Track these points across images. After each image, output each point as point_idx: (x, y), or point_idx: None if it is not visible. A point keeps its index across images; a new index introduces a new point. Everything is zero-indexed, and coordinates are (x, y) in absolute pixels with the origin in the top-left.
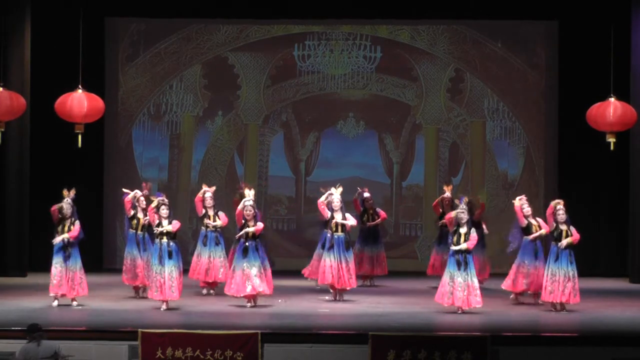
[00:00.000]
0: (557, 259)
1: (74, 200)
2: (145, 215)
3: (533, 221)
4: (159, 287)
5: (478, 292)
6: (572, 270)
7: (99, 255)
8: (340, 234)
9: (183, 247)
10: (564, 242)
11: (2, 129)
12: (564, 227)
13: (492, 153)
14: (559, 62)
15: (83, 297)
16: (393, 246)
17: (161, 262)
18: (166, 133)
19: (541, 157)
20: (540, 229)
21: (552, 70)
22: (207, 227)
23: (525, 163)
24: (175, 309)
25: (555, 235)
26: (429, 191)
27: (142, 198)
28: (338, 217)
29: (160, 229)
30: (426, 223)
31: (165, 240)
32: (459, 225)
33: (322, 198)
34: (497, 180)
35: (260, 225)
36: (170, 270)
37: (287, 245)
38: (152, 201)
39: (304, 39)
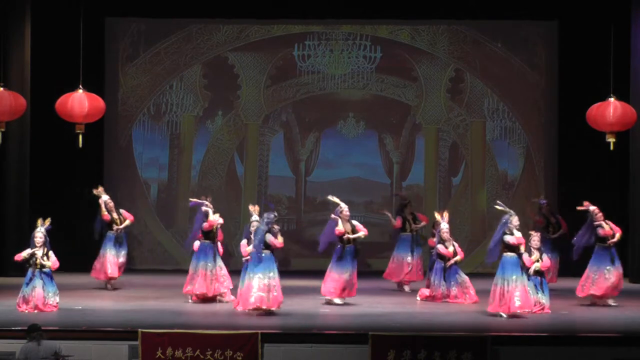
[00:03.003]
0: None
1: (48, 230)
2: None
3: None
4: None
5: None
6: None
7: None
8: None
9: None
10: (532, 268)
11: (2, 129)
12: (536, 254)
13: (492, 153)
14: (558, 62)
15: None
16: (393, 246)
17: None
18: (166, 133)
19: (541, 157)
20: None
21: (552, 70)
22: None
23: (525, 163)
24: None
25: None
26: (429, 191)
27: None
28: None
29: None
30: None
31: None
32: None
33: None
34: (497, 180)
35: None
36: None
37: (287, 245)
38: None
39: (304, 39)
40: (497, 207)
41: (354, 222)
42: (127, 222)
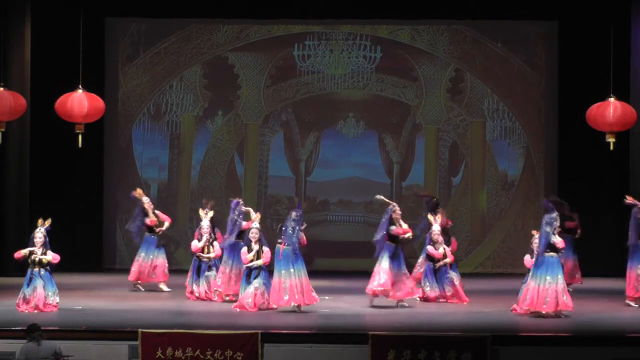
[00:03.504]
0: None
1: (47, 230)
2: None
3: None
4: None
5: None
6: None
7: (99, 255)
8: (260, 262)
9: (185, 248)
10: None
11: (2, 129)
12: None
13: (492, 153)
14: (559, 62)
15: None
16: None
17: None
18: (166, 133)
19: (541, 157)
20: None
21: (552, 70)
22: (200, 259)
23: (525, 163)
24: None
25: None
26: (429, 191)
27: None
28: (255, 247)
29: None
30: None
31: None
32: None
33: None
34: (497, 180)
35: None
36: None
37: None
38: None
39: (304, 39)
40: (548, 204)
41: (400, 221)
42: (166, 224)
